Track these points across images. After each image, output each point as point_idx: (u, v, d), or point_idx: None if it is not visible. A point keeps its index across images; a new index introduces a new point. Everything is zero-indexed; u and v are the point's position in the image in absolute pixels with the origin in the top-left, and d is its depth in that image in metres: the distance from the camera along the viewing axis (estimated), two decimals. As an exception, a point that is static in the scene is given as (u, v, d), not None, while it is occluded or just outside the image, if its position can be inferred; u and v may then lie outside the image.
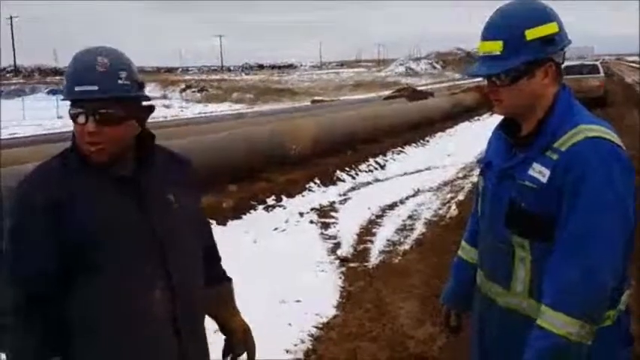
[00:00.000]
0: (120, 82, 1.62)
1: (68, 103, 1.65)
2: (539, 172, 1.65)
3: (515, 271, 1.75)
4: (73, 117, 1.63)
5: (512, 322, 1.77)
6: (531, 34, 1.65)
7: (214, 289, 1.94)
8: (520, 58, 1.66)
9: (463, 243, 2.16)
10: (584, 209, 1.57)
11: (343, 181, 9.57)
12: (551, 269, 1.61)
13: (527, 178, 1.68)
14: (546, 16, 1.69)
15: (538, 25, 1.66)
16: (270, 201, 7.88)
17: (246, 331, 2.02)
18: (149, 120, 1.78)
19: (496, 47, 1.68)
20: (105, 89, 1.59)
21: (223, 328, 2.01)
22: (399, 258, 5.97)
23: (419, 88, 26.32)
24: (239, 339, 1.99)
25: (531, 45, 1.65)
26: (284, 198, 8.07)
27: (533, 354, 1.59)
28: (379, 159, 11.37)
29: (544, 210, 1.64)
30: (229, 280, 2.04)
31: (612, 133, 1.66)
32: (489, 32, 1.72)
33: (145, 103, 1.74)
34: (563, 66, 1.77)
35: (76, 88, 1.60)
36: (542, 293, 1.62)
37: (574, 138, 1.63)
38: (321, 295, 4.90)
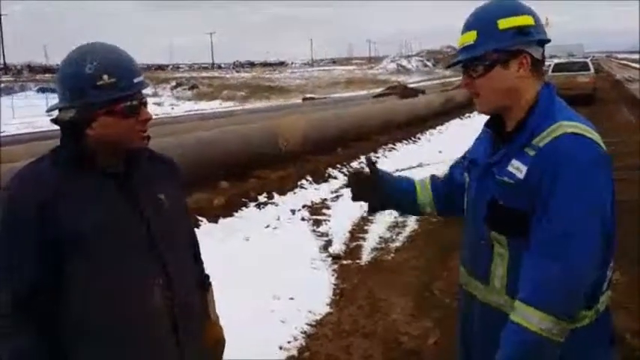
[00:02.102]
0: None
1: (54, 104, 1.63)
2: (517, 169, 1.66)
3: (493, 268, 1.75)
4: (130, 109, 1.63)
5: (491, 318, 1.77)
6: (503, 23, 1.69)
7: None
8: (492, 45, 1.69)
9: (429, 177, 2.19)
10: (562, 206, 1.56)
11: (335, 178, 9.57)
12: (528, 266, 1.60)
13: (506, 174, 1.68)
14: (521, 9, 1.73)
15: (511, 15, 1.70)
16: (262, 198, 7.87)
17: (217, 342, 1.99)
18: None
19: (471, 37, 1.73)
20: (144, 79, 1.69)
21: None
22: (392, 255, 5.99)
23: (410, 86, 26.32)
24: (207, 350, 1.96)
25: (504, 34, 1.69)
26: (276, 195, 8.05)
27: (506, 349, 1.59)
28: (371, 156, 11.36)
29: (521, 206, 1.64)
30: (209, 285, 2.03)
31: (591, 130, 1.65)
32: (466, 25, 1.77)
33: None
34: (552, 63, 1.77)
35: (135, 80, 1.64)
36: (518, 289, 1.62)
37: (552, 134, 1.62)
38: (313, 293, 4.90)
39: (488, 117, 1.88)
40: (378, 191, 2.11)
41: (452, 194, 2.06)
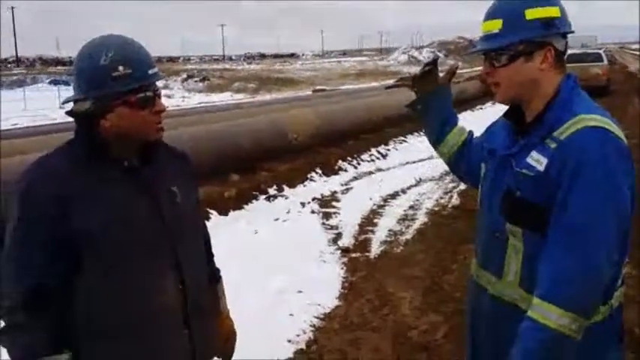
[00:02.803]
0: None
1: (65, 97, 1.63)
2: (537, 161, 1.64)
3: (507, 260, 1.74)
4: (144, 100, 1.64)
5: (501, 311, 1.77)
6: (531, 13, 1.66)
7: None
8: (518, 36, 1.67)
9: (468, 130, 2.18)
10: (582, 200, 1.55)
11: (345, 170, 9.56)
12: (546, 261, 1.58)
13: (525, 166, 1.67)
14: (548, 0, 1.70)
15: (539, 6, 1.67)
16: (272, 191, 7.88)
17: (228, 335, 2.01)
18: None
19: (496, 25, 1.70)
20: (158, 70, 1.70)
21: None
22: (401, 248, 5.98)
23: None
24: (221, 345, 1.98)
25: (531, 24, 1.66)
26: (286, 188, 8.06)
27: (524, 346, 1.57)
28: (381, 148, 11.35)
29: (539, 199, 1.63)
30: (220, 279, 2.04)
31: (612, 123, 1.63)
32: (491, 13, 1.74)
33: None
34: (566, 54, 1.75)
35: (150, 72, 1.64)
36: (536, 284, 1.60)
37: (573, 127, 1.61)
38: (322, 286, 4.90)
39: (505, 108, 1.85)
40: (434, 91, 2.14)
41: (472, 161, 2.06)
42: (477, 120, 14.01)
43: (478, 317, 1.89)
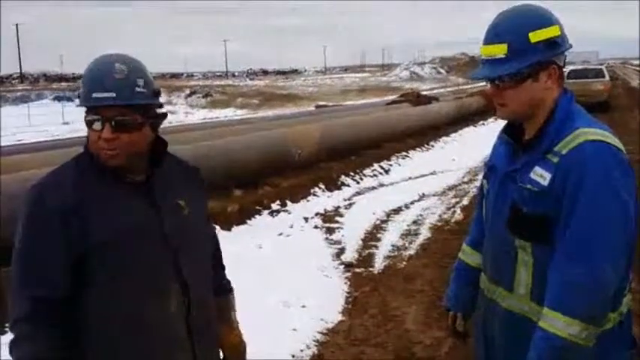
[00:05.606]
0: (137, 89, 1.62)
1: (83, 108, 1.65)
2: (540, 176, 1.66)
3: (518, 274, 1.76)
4: (89, 123, 1.63)
5: (515, 324, 1.78)
6: (535, 36, 1.67)
7: (216, 300, 1.93)
8: (525, 61, 1.67)
9: (464, 246, 2.15)
10: (586, 212, 1.57)
11: (348, 185, 9.57)
12: (554, 272, 1.61)
13: (529, 182, 1.69)
14: (548, 19, 1.71)
15: (541, 27, 1.68)
16: (275, 206, 7.89)
17: (239, 348, 2.01)
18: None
19: (500, 50, 1.69)
20: (122, 96, 1.60)
21: (220, 341, 1.97)
22: (404, 263, 5.97)
23: (423, 93, 26.25)
24: (231, 356, 1.99)
25: (535, 48, 1.67)
26: (289, 203, 8.07)
27: (536, 356, 1.60)
28: (384, 164, 11.37)
29: (545, 213, 1.65)
30: (231, 290, 2.04)
31: (612, 136, 1.66)
32: (493, 36, 1.73)
33: (159, 110, 1.74)
34: (567, 70, 1.77)
35: (94, 95, 1.60)
36: (545, 296, 1.63)
37: (574, 141, 1.63)
38: (326, 301, 4.90)
39: (503, 125, 1.88)
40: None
41: None
42: (479, 136, 14.06)
43: (491, 330, 1.90)
